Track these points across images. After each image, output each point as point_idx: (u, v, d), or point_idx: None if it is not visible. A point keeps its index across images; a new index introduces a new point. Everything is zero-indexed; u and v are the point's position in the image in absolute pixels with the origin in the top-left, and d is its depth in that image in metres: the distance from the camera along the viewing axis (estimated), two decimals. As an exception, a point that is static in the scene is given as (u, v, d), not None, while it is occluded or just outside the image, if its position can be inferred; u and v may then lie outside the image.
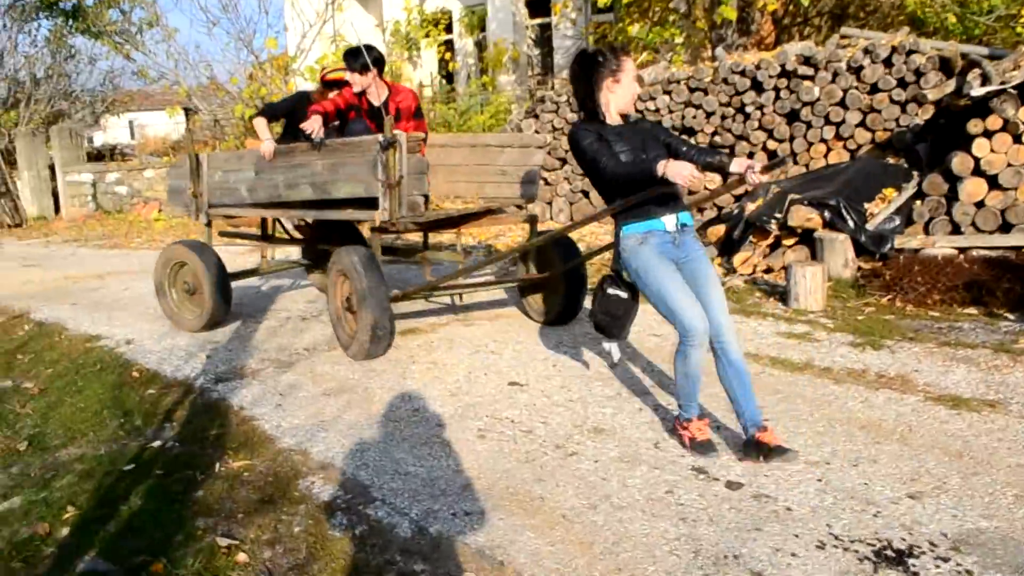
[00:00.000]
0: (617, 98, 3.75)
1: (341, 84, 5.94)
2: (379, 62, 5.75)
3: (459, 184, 6.08)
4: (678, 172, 3.27)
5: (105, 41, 18.47)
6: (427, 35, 18.02)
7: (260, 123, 6.00)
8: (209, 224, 6.61)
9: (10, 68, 19.79)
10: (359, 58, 5.66)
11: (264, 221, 6.83)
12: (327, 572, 2.81)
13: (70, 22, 18.98)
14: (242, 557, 2.93)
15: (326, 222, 6.50)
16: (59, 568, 2.97)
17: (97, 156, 19.91)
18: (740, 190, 7.53)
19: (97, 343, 6.05)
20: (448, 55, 18.54)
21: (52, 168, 18.40)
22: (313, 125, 5.31)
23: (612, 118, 3.76)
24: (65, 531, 3.23)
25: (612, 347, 4.03)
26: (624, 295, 3.87)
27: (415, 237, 7.73)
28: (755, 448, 3.45)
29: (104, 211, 17.57)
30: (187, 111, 20.35)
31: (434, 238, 7.59)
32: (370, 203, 5.25)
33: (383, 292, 5.06)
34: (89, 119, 21.90)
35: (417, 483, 3.40)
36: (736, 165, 3.57)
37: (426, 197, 5.39)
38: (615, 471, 3.41)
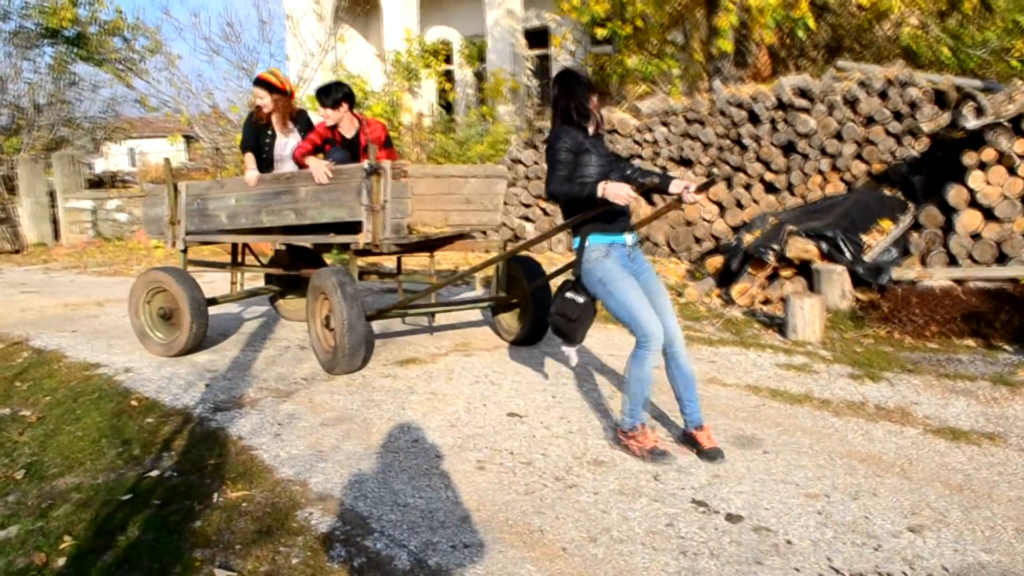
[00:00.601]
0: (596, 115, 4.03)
1: (267, 84, 6.31)
2: (349, 97, 6.13)
3: (425, 212, 6.16)
4: (616, 193, 3.60)
5: (107, 68, 18.62)
6: (427, 65, 18.16)
7: (250, 157, 6.32)
8: (185, 251, 6.74)
9: (13, 95, 19.90)
10: (331, 95, 6.05)
11: (235, 248, 7.11)
12: (326, 605, 2.79)
13: (73, 49, 19.13)
14: (240, 589, 2.92)
15: (298, 250, 7.08)
16: (56, 599, 2.95)
17: (98, 183, 19.96)
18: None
19: (96, 371, 6.04)
20: (448, 85, 18.68)
21: (52, 194, 18.45)
22: (319, 170, 5.62)
23: (591, 130, 4.02)
24: (62, 561, 3.21)
25: (571, 352, 4.27)
26: (580, 300, 4.08)
27: (389, 263, 7.96)
28: (690, 443, 3.95)
29: (104, 238, 17.60)
30: (188, 139, 20.45)
31: (407, 264, 7.83)
32: (351, 227, 5.61)
33: (358, 310, 5.33)
34: (90, 146, 21.98)
35: (416, 515, 3.39)
36: (674, 186, 3.88)
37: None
38: (615, 503, 3.40)
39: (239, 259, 7.22)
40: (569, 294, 4.10)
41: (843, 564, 2.85)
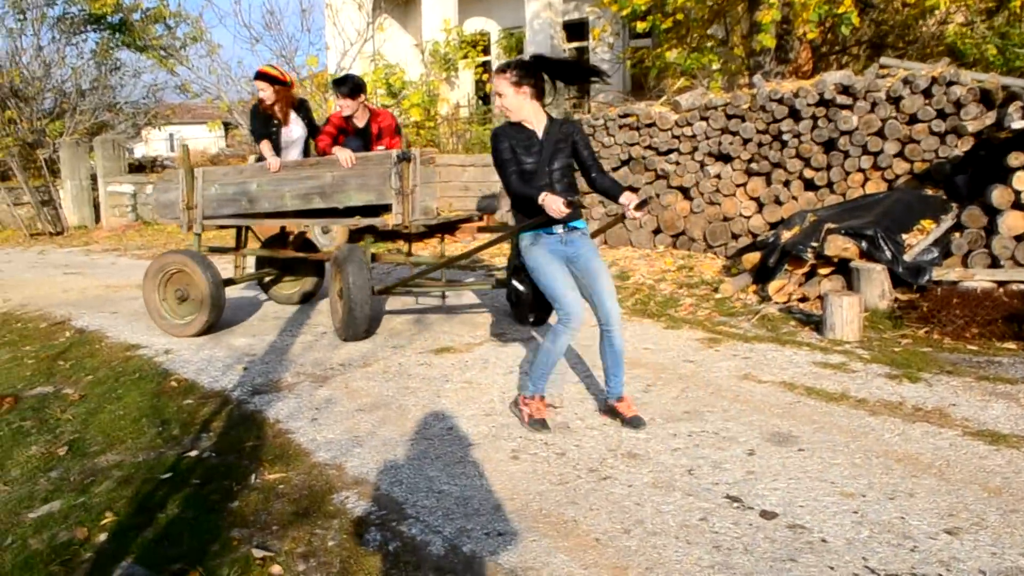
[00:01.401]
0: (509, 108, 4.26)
1: (268, 77, 6.79)
2: (362, 88, 6.75)
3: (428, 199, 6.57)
4: (549, 206, 3.91)
5: (150, 55, 18.84)
6: (465, 56, 18.19)
7: (265, 145, 6.71)
8: (199, 235, 6.99)
9: (57, 80, 20.23)
10: (347, 84, 6.65)
11: (239, 233, 7.47)
12: (361, 587, 2.83)
13: (116, 36, 19.40)
14: (276, 569, 2.96)
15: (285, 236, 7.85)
16: (97, 573, 3.01)
17: (138, 167, 20.24)
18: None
19: (136, 352, 6.14)
20: (485, 76, 18.69)
21: (94, 178, 18.73)
22: (344, 156, 6.21)
23: (528, 123, 4.25)
24: (103, 536, 3.28)
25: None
26: (521, 288, 4.75)
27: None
28: (611, 413, 4.35)
29: (143, 221, 17.84)
30: (227, 125, 20.64)
31: (417, 251, 8.16)
32: (374, 211, 6.28)
33: (367, 285, 6.02)
34: (131, 131, 22.29)
35: (450, 502, 3.42)
36: (624, 198, 4.07)
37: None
38: (649, 496, 3.41)
39: (243, 243, 7.53)
40: (513, 281, 4.92)
41: (879, 564, 2.83)
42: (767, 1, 10.18)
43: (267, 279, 7.96)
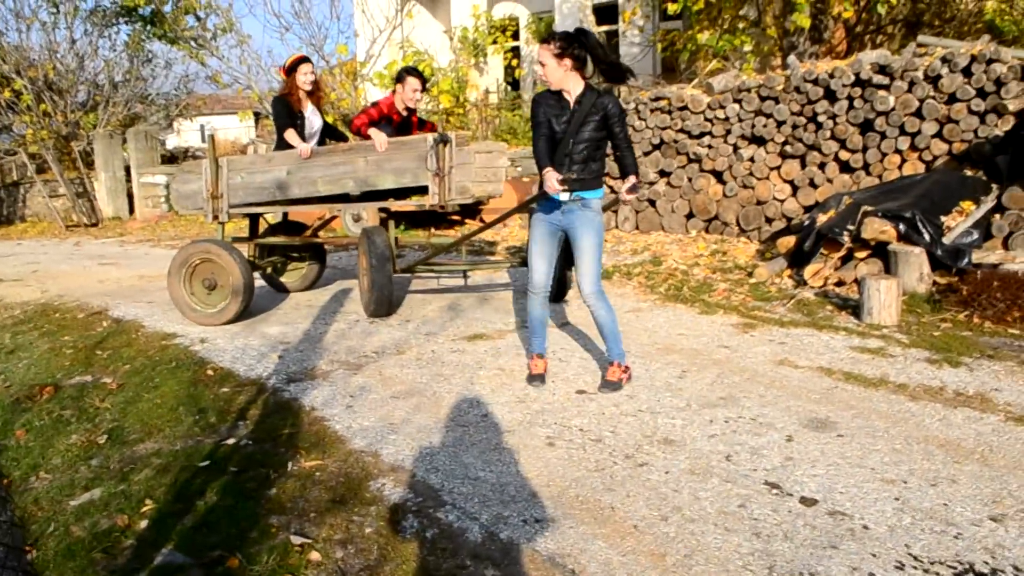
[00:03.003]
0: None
1: (298, 65, 6.98)
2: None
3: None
4: (546, 181, 4.23)
5: (181, 46, 18.97)
6: (494, 41, 18.11)
7: (291, 133, 6.83)
8: (223, 224, 7.10)
9: (90, 72, 20.45)
10: (422, 75, 6.95)
11: (252, 222, 7.50)
12: (398, 574, 2.83)
13: (148, 28, 19.57)
14: (315, 556, 2.97)
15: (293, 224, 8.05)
16: (138, 560, 3.04)
17: (170, 158, 20.43)
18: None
19: (172, 341, 6.20)
20: (515, 61, 18.62)
21: (127, 169, 18.93)
22: (381, 140, 6.40)
23: (567, 93, 4.41)
24: (143, 524, 3.31)
25: None
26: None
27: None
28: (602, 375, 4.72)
29: (176, 212, 18.01)
30: (257, 115, 20.76)
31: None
32: (405, 194, 6.60)
33: (388, 264, 6.33)
34: (163, 122, 22.50)
35: (487, 488, 3.41)
36: (627, 182, 4.32)
37: None
38: (686, 483, 3.38)
39: (257, 232, 7.59)
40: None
41: (922, 551, 2.79)
42: (801, -19, 10.03)
43: (268, 269, 7.98)
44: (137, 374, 5.42)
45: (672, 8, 11.80)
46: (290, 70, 6.91)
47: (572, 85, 4.35)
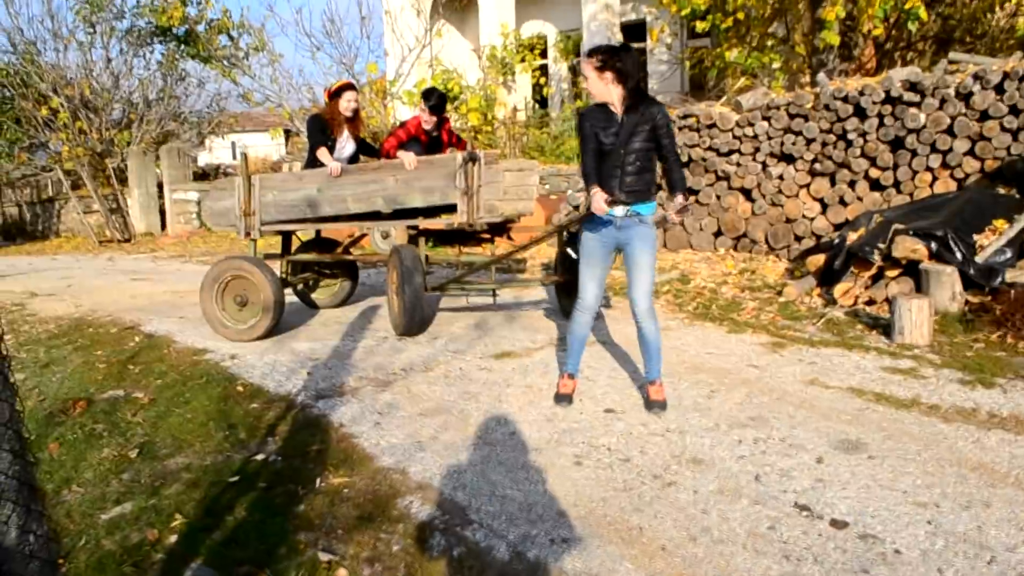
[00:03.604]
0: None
1: (354, 87, 7.25)
2: (445, 104, 7.24)
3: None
4: (594, 203, 4.24)
5: (214, 65, 19.27)
6: (522, 60, 18.20)
7: (323, 152, 6.90)
8: (255, 241, 7.16)
9: (125, 90, 20.80)
10: (433, 97, 7.07)
11: (284, 239, 7.60)
12: (426, 592, 2.83)
13: (182, 47, 19.90)
14: (342, 573, 2.98)
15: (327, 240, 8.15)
16: (167, 574, 3.07)
17: (202, 175, 20.70)
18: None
19: (203, 356, 6.26)
20: (543, 80, 18.70)
21: (160, 186, 19.20)
22: (409, 159, 6.49)
23: (612, 106, 4.38)
24: (173, 538, 3.34)
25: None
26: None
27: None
28: (644, 394, 4.71)
29: (208, 228, 18.23)
30: (288, 133, 20.97)
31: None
32: (434, 212, 6.67)
33: (420, 283, 6.31)
34: (195, 140, 22.81)
35: (514, 507, 3.41)
36: (675, 202, 4.29)
37: None
38: (715, 504, 3.36)
39: (289, 249, 7.66)
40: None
41: (955, 576, 2.75)
42: (831, -2, 9.99)
43: (299, 286, 8.05)
44: (168, 389, 5.48)
45: (700, 26, 11.80)
46: (334, 95, 7.02)
47: (616, 97, 4.33)
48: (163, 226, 19.16)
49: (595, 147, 4.36)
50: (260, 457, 4.15)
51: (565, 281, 6.85)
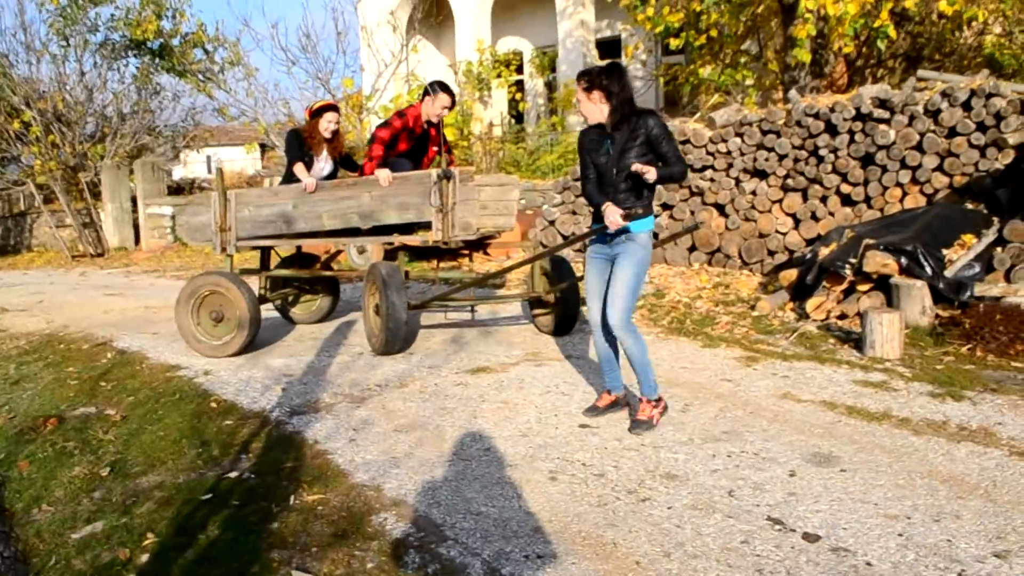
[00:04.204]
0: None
1: (336, 108, 7.17)
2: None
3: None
4: (607, 217, 4.25)
5: (189, 79, 19.19)
6: (498, 75, 18.28)
7: (299, 167, 6.83)
8: (231, 256, 7.12)
9: (99, 104, 20.64)
10: (450, 91, 6.88)
11: (263, 254, 7.55)
12: (400, 610, 2.82)
13: (157, 61, 19.79)
14: (316, 591, 2.97)
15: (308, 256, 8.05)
16: (140, 594, 3.04)
17: (177, 189, 20.58)
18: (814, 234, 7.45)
19: (177, 373, 6.21)
20: (519, 95, 18.78)
21: (134, 200, 19.06)
22: (384, 175, 6.41)
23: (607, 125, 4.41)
24: (145, 557, 3.31)
25: None
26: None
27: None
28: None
29: (182, 243, 18.11)
30: (263, 147, 20.90)
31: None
32: (409, 229, 6.58)
33: (403, 301, 6.16)
34: (170, 153, 22.67)
35: (489, 523, 3.40)
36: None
37: None
38: (689, 518, 3.38)
39: (267, 265, 7.62)
40: None
41: (925, 588, 2.78)
42: (802, 16, 10.14)
43: (278, 302, 8.04)
44: (141, 406, 5.43)
45: (674, 43, 11.92)
46: (315, 113, 6.98)
47: (607, 117, 4.36)
48: (137, 241, 19.01)
49: (590, 174, 4.48)
50: (233, 474, 4.12)
51: (540, 297, 6.93)
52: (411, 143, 6.90)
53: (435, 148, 7.08)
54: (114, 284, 12.99)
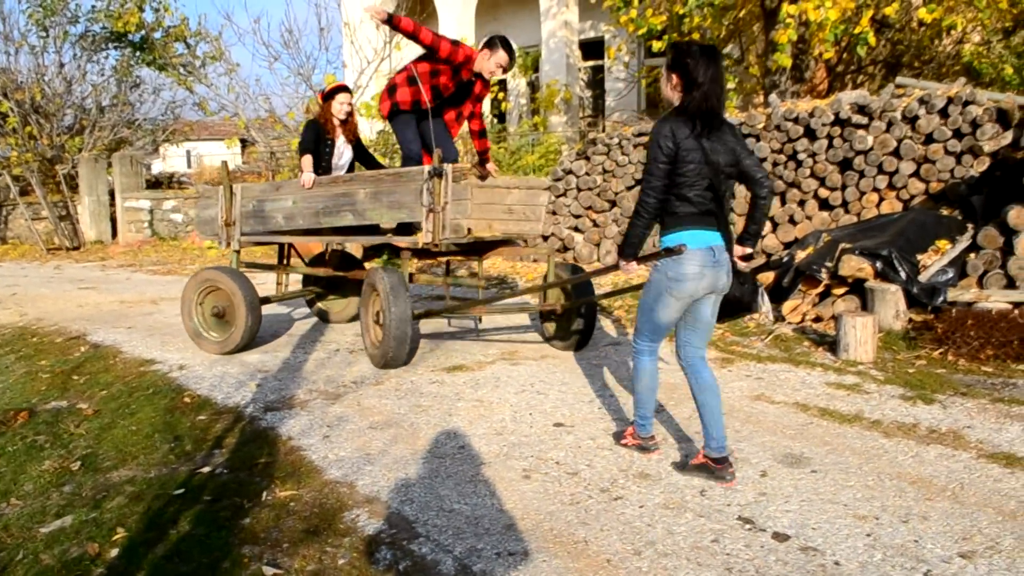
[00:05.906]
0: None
1: (348, 89, 6.92)
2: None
3: (469, 219, 6.11)
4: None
5: (169, 73, 19.05)
6: (481, 74, 18.24)
7: (307, 159, 6.54)
8: (238, 252, 6.98)
9: (78, 96, 20.45)
10: (511, 49, 6.11)
11: (281, 250, 7.36)
12: (370, 606, 2.82)
13: (137, 54, 19.63)
14: (287, 587, 2.96)
15: (347, 253, 7.71)
16: (109, 589, 3.02)
17: (155, 183, 20.41)
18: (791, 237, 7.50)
19: (150, 367, 6.17)
20: (501, 95, 18.78)
21: (111, 194, 18.89)
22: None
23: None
24: (115, 552, 3.28)
25: None
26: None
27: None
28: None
29: (159, 237, 17.98)
30: (243, 142, 20.78)
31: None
32: (405, 229, 6.16)
33: (407, 310, 5.66)
34: (149, 147, 22.49)
35: (461, 521, 3.41)
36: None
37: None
38: (660, 517, 3.39)
39: (286, 261, 7.45)
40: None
41: (892, 588, 2.81)
42: (783, 21, 10.20)
43: (309, 297, 7.88)
44: (113, 400, 5.39)
45: (657, 46, 11.94)
46: (327, 96, 6.74)
47: None
48: (114, 234, 18.85)
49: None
50: (206, 470, 4.10)
51: (554, 311, 6.41)
52: (454, 83, 6.17)
53: (469, 106, 6.46)
54: (89, 278, 12.88)
